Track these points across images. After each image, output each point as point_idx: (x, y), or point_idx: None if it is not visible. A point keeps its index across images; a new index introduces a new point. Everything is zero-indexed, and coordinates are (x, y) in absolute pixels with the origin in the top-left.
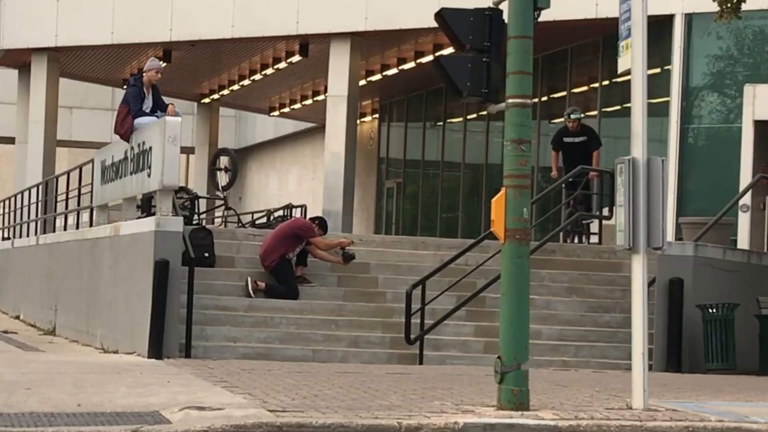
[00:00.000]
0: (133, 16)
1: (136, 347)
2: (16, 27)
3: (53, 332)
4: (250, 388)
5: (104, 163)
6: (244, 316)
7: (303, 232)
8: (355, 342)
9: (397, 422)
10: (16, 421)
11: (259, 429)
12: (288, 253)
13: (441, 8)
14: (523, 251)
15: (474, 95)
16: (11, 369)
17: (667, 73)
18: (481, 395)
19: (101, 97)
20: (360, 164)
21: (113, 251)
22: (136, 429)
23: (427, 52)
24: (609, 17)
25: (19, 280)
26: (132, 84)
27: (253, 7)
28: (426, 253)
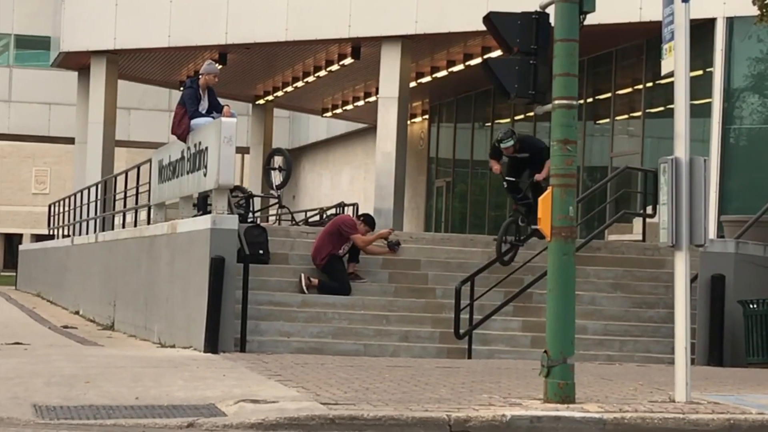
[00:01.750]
0: (189, 19)
1: (192, 342)
2: (76, 30)
3: (112, 327)
4: (304, 381)
5: (161, 162)
6: (297, 312)
7: (343, 228)
8: (405, 337)
9: (447, 415)
10: (75, 413)
11: (312, 421)
12: (336, 250)
13: (489, 12)
14: (569, 248)
15: (521, 96)
16: (71, 363)
17: (709, 75)
18: (528, 388)
19: (158, 99)
20: (410, 164)
21: (170, 248)
22: (193, 421)
23: (476, 54)
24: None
25: (79, 277)
26: (189, 86)
27: (307, 11)
28: (474, 250)
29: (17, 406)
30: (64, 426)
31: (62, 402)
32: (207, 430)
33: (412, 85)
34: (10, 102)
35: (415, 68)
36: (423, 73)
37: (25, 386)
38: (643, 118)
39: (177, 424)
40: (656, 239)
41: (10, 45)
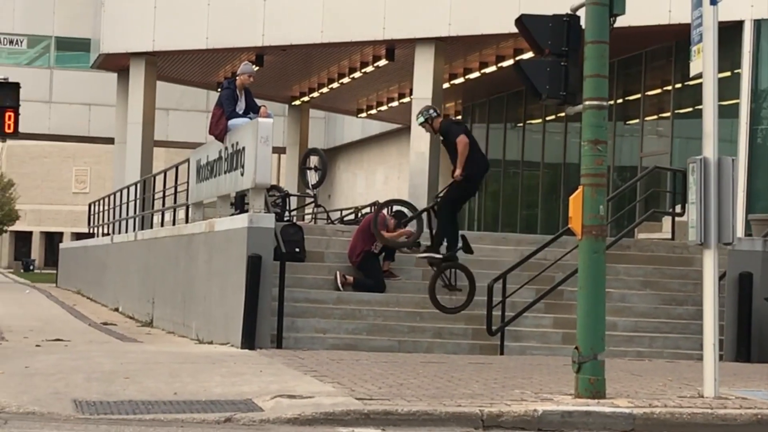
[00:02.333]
0: (226, 21)
1: (229, 338)
2: (116, 33)
3: (150, 324)
4: (339, 377)
5: (199, 162)
6: (333, 309)
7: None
8: (439, 333)
9: (479, 410)
10: (115, 408)
11: (347, 416)
12: (370, 247)
13: (521, 14)
14: (600, 246)
15: (552, 97)
16: (111, 359)
17: (737, 76)
18: (559, 384)
19: (196, 100)
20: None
21: (208, 247)
22: (230, 416)
23: (508, 56)
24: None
25: (118, 275)
26: (226, 87)
27: (342, 14)
28: (507, 249)
29: (58, 401)
30: (104, 421)
31: (102, 397)
32: (244, 425)
33: (445, 86)
34: (51, 103)
35: (448, 69)
36: (456, 74)
37: (65, 382)
38: (672, 118)
39: (215, 419)
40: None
41: (51, 47)
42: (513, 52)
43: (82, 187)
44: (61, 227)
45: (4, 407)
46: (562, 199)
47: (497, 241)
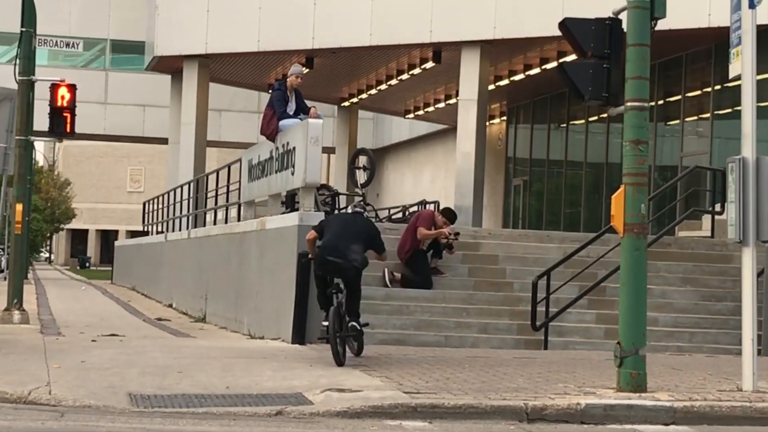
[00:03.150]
0: (277, 25)
1: (280, 333)
2: (170, 35)
3: (203, 320)
4: (387, 371)
5: (251, 162)
6: (381, 305)
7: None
8: (484, 329)
9: (524, 403)
10: (169, 402)
11: (395, 410)
12: (419, 245)
13: (565, 18)
14: (641, 244)
15: (595, 99)
16: (165, 354)
17: None
18: (601, 378)
19: (248, 101)
20: (489, 163)
21: (259, 244)
22: (281, 410)
23: (552, 58)
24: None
25: (172, 271)
26: (277, 88)
27: (390, 17)
28: (550, 246)
29: (113, 395)
30: (158, 414)
31: (156, 391)
32: (295, 418)
33: (490, 88)
34: (106, 104)
35: (493, 71)
36: (501, 76)
37: (120, 376)
38: (711, 119)
39: (266, 413)
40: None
41: (106, 50)
42: (556, 54)
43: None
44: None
45: (60, 401)
46: (604, 197)
47: (541, 238)
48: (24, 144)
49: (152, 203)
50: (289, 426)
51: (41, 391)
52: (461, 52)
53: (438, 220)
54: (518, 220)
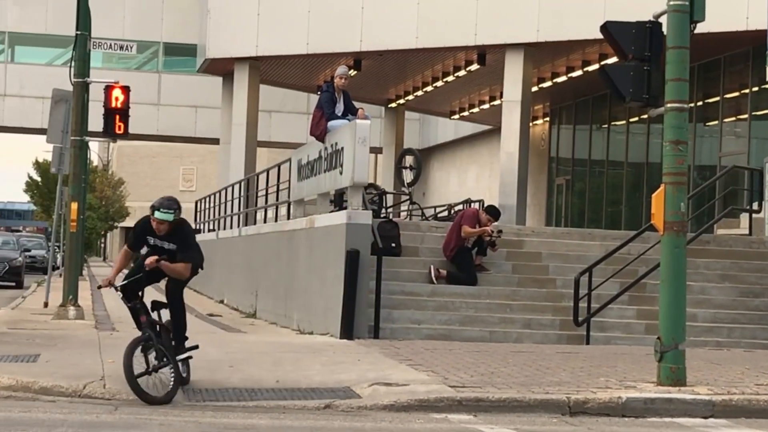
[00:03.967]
0: (326, 28)
1: (329, 329)
2: (221, 38)
3: (254, 315)
4: (433, 365)
5: (300, 162)
6: (427, 301)
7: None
8: (528, 324)
9: (566, 397)
10: (220, 395)
11: (440, 403)
12: (464, 242)
13: (606, 21)
14: (681, 241)
15: (636, 100)
16: (216, 349)
17: None
18: (642, 372)
19: (297, 102)
20: (532, 163)
21: (308, 242)
22: (329, 403)
23: (593, 61)
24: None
25: (224, 269)
26: (325, 90)
27: (436, 21)
28: (592, 244)
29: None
30: (210, 407)
31: (208, 385)
32: (343, 412)
33: (533, 90)
34: (159, 105)
35: (536, 74)
36: (544, 78)
37: None
38: (749, 120)
39: (315, 406)
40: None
41: (159, 52)
42: (598, 56)
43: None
44: None
45: (114, 394)
46: (645, 196)
47: (583, 236)
48: (79, 144)
49: (204, 202)
50: (338, 419)
51: (95, 385)
52: (505, 55)
53: (482, 218)
54: (561, 218)
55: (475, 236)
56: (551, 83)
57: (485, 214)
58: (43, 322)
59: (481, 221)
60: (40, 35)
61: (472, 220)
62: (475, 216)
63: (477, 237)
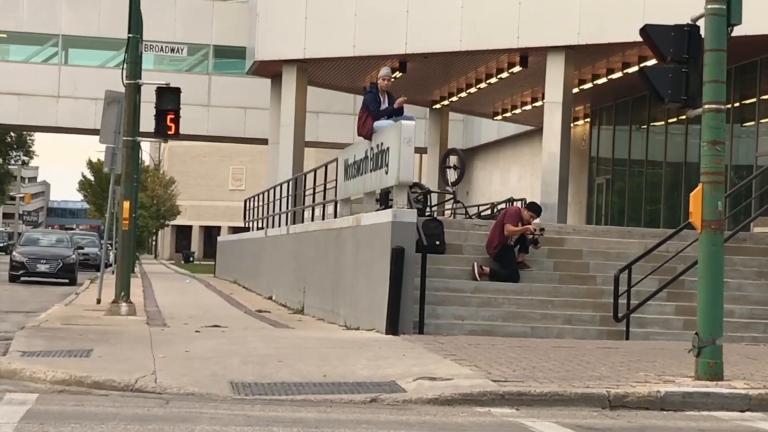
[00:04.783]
0: (372, 31)
1: (375, 325)
2: (269, 41)
3: (301, 311)
4: (476, 360)
5: (347, 161)
6: (470, 297)
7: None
8: (569, 320)
9: (606, 391)
10: (269, 389)
11: (483, 397)
12: (506, 240)
13: (645, 24)
14: (718, 239)
15: (674, 101)
16: (265, 344)
17: None
18: (680, 367)
19: (344, 103)
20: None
21: (355, 240)
22: (375, 397)
23: (633, 63)
24: None
25: (272, 266)
26: (369, 91)
27: (479, 24)
28: (632, 241)
29: (215, 383)
30: (258, 401)
31: (256, 379)
32: (388, 405)
33: (574, 91)
34: (209, 106)
35: (577, 75)
36: (585, 79)
37: (222, 365)
38: None
39: (361, 400)
40: None
41: (209, 55)
42: (638, 59)
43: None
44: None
45: (165, 388)
46: (683, 195)
47: (623, 234)
48: (131, 144)
49: (253, 201)
50: (383, 413)
51: (147, 379)
52: (547, 57)
53: (524, 215)
54: (601, 216)
55: (517, 234)
56: (592, 85)
57: (527, 211)
58: (96, 318)
59: (524, 218)
60: (93, 38)
61: (514, 219)
62: (517, 214)
63: (520, 235)
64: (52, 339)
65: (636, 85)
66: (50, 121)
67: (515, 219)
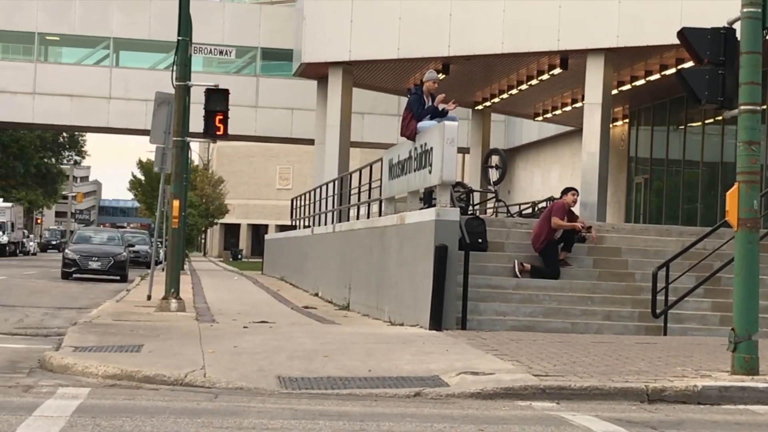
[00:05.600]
0: (416, 34)
1: (418, 320)
2: (316, 44)
3: (347, 308)
4: (518, 355)
5: (391, 161)
6: (512, 294)
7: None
8: (608, 316)
9: (645, 385)
10: (315, 384)
11: (525, 391)
12: (553, 235)
13: (683, 28)
14: (754, 237)
15: (711, 103)
16: (311, 339)
17: None
18: (716, 362)
19: (388, 104)
20: (612, 162)
21: (399, 238)
22: (419, 391)
23: (671, 65)
24: None
25: (318, 263)
26: (414, 92)
27: (520, 27)
28: (669, 239)
29: (263, 377)
30: (305, 395)
31: (303, 374)
32: (432, 399)
33: (614, 93)
34: (257, 107)
35: (616, 77)
36: (623, 81)
37: (270, 360)
38: None
39: (405, 394)
40: None
41: (257, 57)
42: (675, 61)
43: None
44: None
45: (214, 383)
46: (719, 194)
47: (661, 232)
48: (180, 144)
49: (300, 200)
50: (427, 406)
51: (196, 374)
52: (587, 60)
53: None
54: (639, 215)
55: (563, 229)
56: (630, 86)
57: (569, 195)
58: (146, 314)
59: (568, 202)
60: (144, 41)
61: (561, 212)
62: (563, 208)
63: (563, 232)
64: (104, 335)
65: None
66: (102, 121)
67: (562, 212)
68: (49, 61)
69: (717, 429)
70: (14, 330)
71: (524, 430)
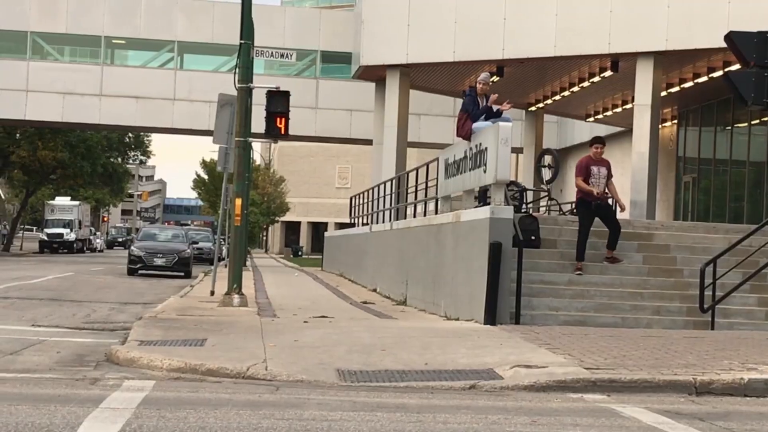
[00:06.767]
0: (471, 37)
1: (473, 315)
2: (374, 47)
3: (404, 303)
4: (570, 349)
5: (447, 161)
6: (564, 289)
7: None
8: (657, 311)
9: (693, 378)
10: (373, 377)
11: (576, 384)
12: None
13: (730, 31)
14: None
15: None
16: (369, 334)
17: None
18: (763, 356)
19: (444, 106)
20: (661, 162)
21: (454, 235)
22: (474, 384)
23: (718, 68)
24: None
25: (376, 259)
26: (468, 94)
27: (572, 31)
28: (717, 236)
29: (323, 370)
30: (363, 388)
31: (361, 367)
32: (486, 392)
33: (662, 94)
34: (317, 109)
35: (665, 79)
36: (672, 83)
37: (329, 354)
38: None
39: (461, 387)
40: None
41: (317, 60)
42: (722, 64)
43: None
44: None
45: (275, 376)
46: (765, 193)
47: (708, 230)
48: (243, 145)
49: (358, 198)
50: (482, 399)
51: (258, 367)
52: (636, 62)
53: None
54: (687, 213)
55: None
56: (679, 88)
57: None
58: (210, 309)
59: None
60: (207, 44)
61: (579, 170)
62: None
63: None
64: (168, 329)
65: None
66: (166, 122)
67: (580, 170)
68: (115, 64)
69: (763, 420)
70: (82, 325)
71: (576, 422)
